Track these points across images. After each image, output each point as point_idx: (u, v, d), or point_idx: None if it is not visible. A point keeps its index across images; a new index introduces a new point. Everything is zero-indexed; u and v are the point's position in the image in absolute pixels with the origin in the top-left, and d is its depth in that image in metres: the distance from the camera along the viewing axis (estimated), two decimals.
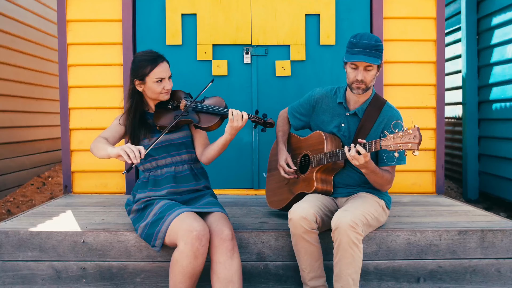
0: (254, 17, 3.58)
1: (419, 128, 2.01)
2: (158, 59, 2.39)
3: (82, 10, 3.58)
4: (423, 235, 2.51)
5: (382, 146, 2.09)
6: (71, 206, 3.13)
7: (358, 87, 2.36)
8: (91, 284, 2.48)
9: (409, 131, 2.00)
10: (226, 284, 2.15)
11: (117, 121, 2.49)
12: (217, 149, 2.41)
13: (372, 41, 2.29)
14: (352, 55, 2.31)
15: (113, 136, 2.44)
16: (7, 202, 4.59)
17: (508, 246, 2.52)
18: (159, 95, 2.43)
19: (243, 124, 2.31)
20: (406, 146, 2.00)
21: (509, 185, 4.23)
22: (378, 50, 2.31)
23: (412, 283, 2.52)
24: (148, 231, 2.30)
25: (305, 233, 2.25)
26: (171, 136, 2.46)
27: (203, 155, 2.50)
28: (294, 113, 2.70)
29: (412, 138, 1.99)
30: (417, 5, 3.62)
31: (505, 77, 4.22)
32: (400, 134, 2.03)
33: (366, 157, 2.14)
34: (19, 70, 4.99)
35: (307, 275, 2.33)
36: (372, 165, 2.25)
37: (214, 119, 2.39)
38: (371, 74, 2.34)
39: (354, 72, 2.34)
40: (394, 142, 2.04)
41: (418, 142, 1.98)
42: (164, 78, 2.39)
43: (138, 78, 2.39)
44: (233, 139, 2.38)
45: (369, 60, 2.27)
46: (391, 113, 2.44)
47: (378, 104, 2.46)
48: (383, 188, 2.42)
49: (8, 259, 2.48)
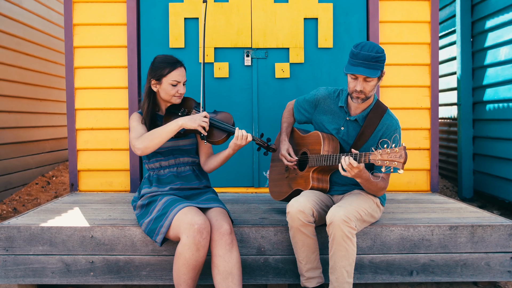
0: (255, 21, 3.69)
1: (406, 147, 2.08)
2: (177, 64, 2.52)
3: (88, 14, 3.69)
4: (416, 230, 2.62)
5: (370, 160, 2.16)
6: (78, 204, 3.25)
7: (358, 97, 2.41)
8: (99, 277, 2.59)
9: (395, 149, 2.07)
10: (226, 276, 2.26)
11: (137, 122, 2.54)
12: (220, 161, 2.57)
13: (372, 53, 2.30)
14: (351, 66, 2.34)
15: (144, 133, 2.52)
16: (13, 200, 4.70)
17: (497, 240, 2.63)
18: (171, 98, 2.54)
19: (246, 144, 2.45)
20: (391, 164, 2.07)
21: (502, 183, 4.33)
22: (378, 62, 2.32)
23: (405, 276, 2.63)
24: (151, 226, 2.41)
25: (302, 226, 2.37)
26: (178, 142, 2.59)
27: (206, 164, 2.65)
28: (299, 108, 2.78)
29: (397, 157, 2.06)
30: (412, 10, 3.73)
31: (498, 79, 4.32)
32: (387, 151, 2.09)
33: (359, 167, 2.21)
34: (24, 72, 5.08)
35: (304, 266, 2.45)
36: (366, 174, 2.31)
37: (221, 135, 2.50)
38: (371, 84, 2.38)
39: (354, 82, 2.38)
40: (381, 158, 2.11)
41: (403, 162, 2.05)
42: (179, 82, 2.52)
43: (155, 78, 2.51)
44: (234, 154, 2.53)
45: (367, 73, 2.29)
46: (390, 121, 2.49)
47: (379, 111, 2.51)
48: (377, 194, 2.49)
49: (20, 253, 2.59)
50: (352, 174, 2.23)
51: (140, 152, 2.41)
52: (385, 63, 2.37)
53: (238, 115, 3.64)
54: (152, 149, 2.41)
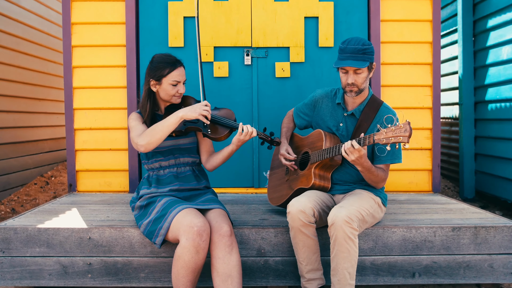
0: (255, 19, 3.66)
1: (410, 123, 2.10)
2: (177, 63, 2.48)
3: (86, 13, 3.66)
4: (418, 232, 2.59)
5: (375, 140, 2.17)
6: (76, 204, 3.21)
7: (351, 90, 2.46)
8: (96, 279, 2.56)
9: (400, 125, 2.09)
10: (226, 278, 2.23)
11: (137, 121, 2.51)
12: (222, 158, 2.54)
13: (359, 45, 2.38)
14: (340, 60, 2.42)
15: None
16: (12, 201, 4.67)
17: (500, 242, 2.60)
18: (171, 98, 2.51)
19: (249, 138, 2.45)
20: (397, 139, 2.09)
21: (504, 184, 4.30)
22: (366, 53, 2.39)
23: (408, 278, 2.60)
24: (150, 228, 2.38)
25: (303, 226, 2.34)
26: (178, 141, 2.55)
27: (208, 162, 2.61)
28: (298, 113, 2.82)
29: (402, 132, 2.08)
30: (414, 8, 3.70)
31: (500, 78, 4.30)
32: (392, 128, 2.11)
33: (360, 151, 2.22)
34: (23, 71, 5.06)
35: (305, 268, 2.42)
36: (368, 163, 2.34)
37: (224, 131, 2.48)
38: (362, 76, 2.43)
39: (345, 76, 2.45)
40: (386, 136, 2.12)
41: (408, 135, 2.06)
42: (179, 82, 2.49)
43: (154, 79, 2.47)
44: (237, 150, 2.50)
45: (356, 64, 2.37)
46: (387, 113, 2.52)
47: (375, 105, 2.55)
48: (377, 186, 2.50)
49: (16, 255, 2.56)
50: (352, 159, 2.24)
51: (143, 149, 2.37)
52: (373, 55, 2.45)
53: (238, 114, 3.60)
54: (155, 144, 2.37)
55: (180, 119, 2.36)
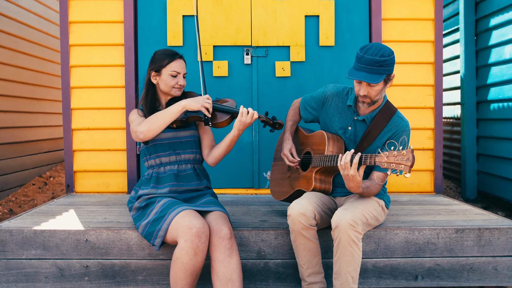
0: (254, 18, 3.62)
1: (413, 150, 1.99)
2: (176, 55, 2.52)
3: (84, 12, 3.62)
4: (421, 234, 2.55)
5: (376, 162, 2.08)
6: (74, 205, 3.17)
7: (363, 101, 2.34)
8: (93, 282, 2.52)
9: (402, 152, 1.98)
10: (226, 282, 2.18)
11: (137, 115, 2.51)
12: (225, 147, 2.48)
13: (376, 57, 2.19)
14: (354, 70, 2.25)
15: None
16: (9, 201, 4.62)
17: (504, 244, 2.56)
18: (171, 90, 2.50)
19: (251, 121, 2.39)
20: (398, 167, 1.99)
21: (507, 184, 4.26)
22: (383, 66, 2.20)
23: (410, 280, 2.55)
24: (149, 229, 2.34)
25: (303, 229, 2.29)
26: (178, 133, 2.52)
27: (210, 155, 2.56)
28: (305, 105, 2.70)
29: (404, 160, 1.97)
30: (416, 7, 3.66)
31: (503, 78, 4.26)
32: (394, 153, 2.01)
33: (353, 175, 2.12)
34: (21, 71, 5.02)
35: (306, 271, 2.37)
36: (359, 184, 2.20)
37: (225, 116, 2.45)
38: (376, 89, 2.28)
39: (358, 86, 2.31)
40: (387, 161, 2.03)
41: (410, 165, 1.96)
42: (179, 73, 2.50)
43: (154, 70, 2.50)
44: (240, 135, 2.45)
45: (368, 79, 2.19)
46: (399, 122, 2.40)
47: (388, 112, 2.41)
48: (368, 196, 2.40)
49: (12, 257, 2.51)
50: (343, 173, 2.15)
51: (142, 136, 2.37)
52: (393, 66, 2.24)
53: None
54: (155, 131, 2.36)
55: (182, 108, 2.37)
